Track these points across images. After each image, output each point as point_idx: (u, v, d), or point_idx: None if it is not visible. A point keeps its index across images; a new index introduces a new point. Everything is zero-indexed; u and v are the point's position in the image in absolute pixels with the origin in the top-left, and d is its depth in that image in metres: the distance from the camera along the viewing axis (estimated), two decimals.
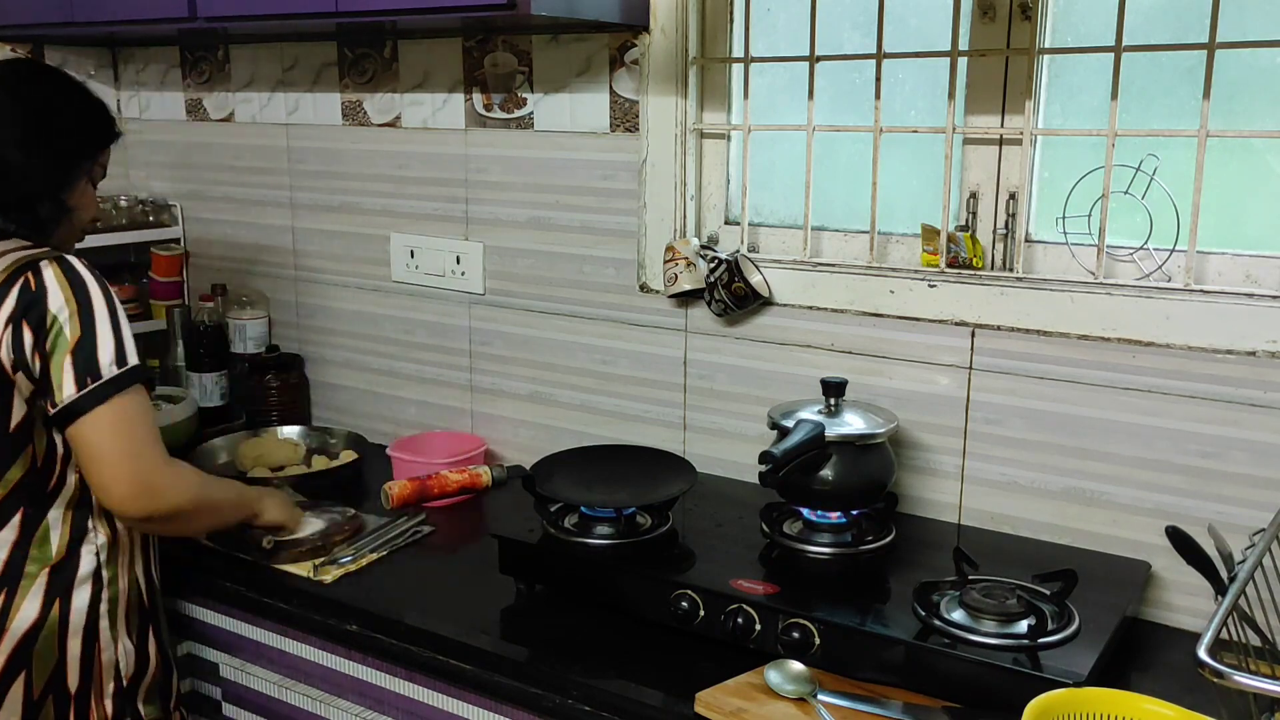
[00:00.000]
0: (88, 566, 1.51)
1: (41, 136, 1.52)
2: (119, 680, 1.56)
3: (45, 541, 1.49)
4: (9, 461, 1.46)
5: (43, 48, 2.46)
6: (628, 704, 1.34)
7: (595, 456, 1.80)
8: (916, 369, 1.72)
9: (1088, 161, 1.59)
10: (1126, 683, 1.35)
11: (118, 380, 1.42)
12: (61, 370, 1.40)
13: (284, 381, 2.37)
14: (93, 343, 1.42)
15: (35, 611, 1.48)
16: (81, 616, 1.51)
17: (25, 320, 1.41)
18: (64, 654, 1.50)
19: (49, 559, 1.49)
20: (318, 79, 2.28)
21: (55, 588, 1.49)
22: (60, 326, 1.41)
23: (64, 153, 1.55)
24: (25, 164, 1.50)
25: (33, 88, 1.55)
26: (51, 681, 1.50)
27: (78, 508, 1.51)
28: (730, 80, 1.89)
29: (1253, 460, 1.48)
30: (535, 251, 2.07)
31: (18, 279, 1.42)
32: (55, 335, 1.41)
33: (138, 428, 1.44)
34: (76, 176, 1.57)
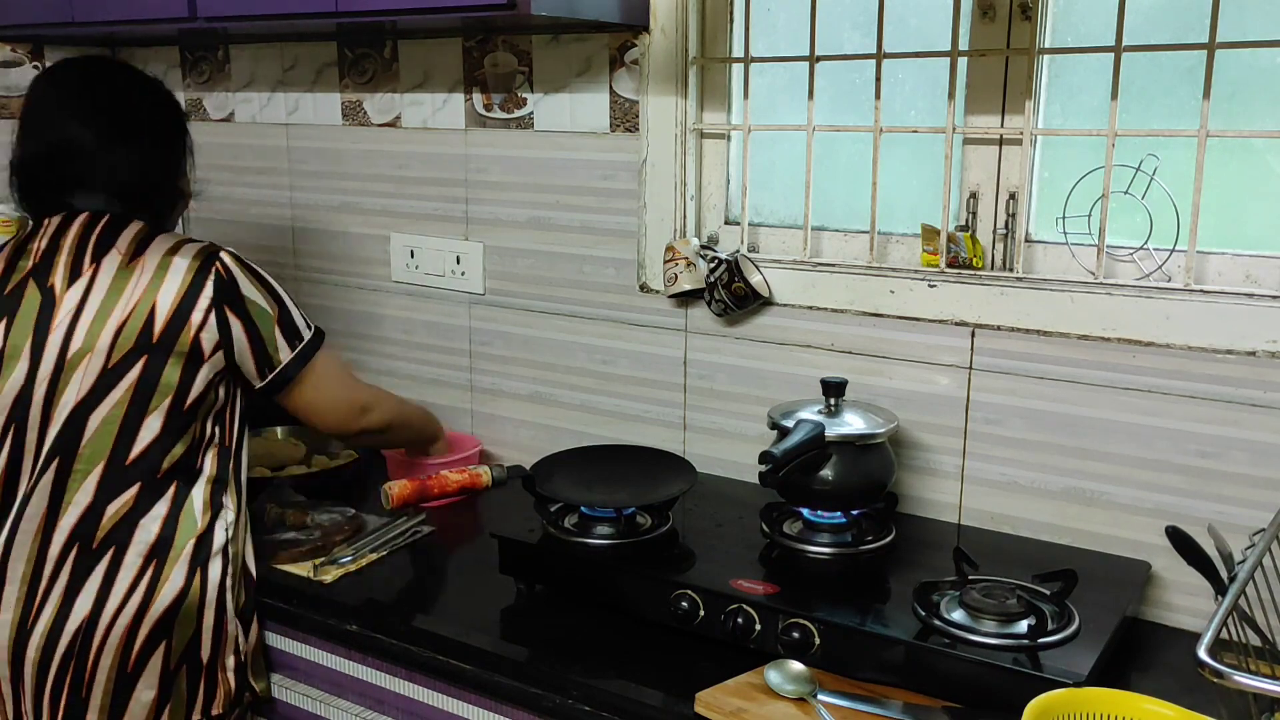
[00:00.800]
0: (220, 541, 1.58)
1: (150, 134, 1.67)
2: (239, 654, 1.60)
3: (191, 514, 1.56)
4: (177, 437, 1.56)
5: (43, 48, 2.46)
6: (628, 704, 1.34)
7: (595, 456, 1.80)
8: (916, 369, 1.72)
9: (1088, 161, 1.59)
10: (1126, 683, 1.35)
11: (314, 338, 1.66)
12: (274, 339, 1.60)
13: None
14: (288, 314, 1.63)
15: (181, 582, 1.54)
16: (214, 589, 1.56)
17: (228, 306, 1.56)
18: (200, 625, 1.55)
19: (194, 531, 1.56)
20: (318, 79, 2.28)
21: (197, 560, 1.55)
22: (261, 306, 1.59)
23: (169, 143, 1.71)
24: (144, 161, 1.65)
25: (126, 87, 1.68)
26: (187, 652, 1.54)
27: (215, 483, 1.60)
28: (730, 80, 1.89)
29: (1253, 460, 1.48)
30: (535, 251, 2.07)
31: (209, 269, 1.56)
32: (259, 315, 1.59)
33: (342, 367, 1.75)
34: (184, 162, 1.74)
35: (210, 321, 1.55)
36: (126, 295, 1.53)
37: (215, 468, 1.60)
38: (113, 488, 1.52)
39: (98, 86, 1.65)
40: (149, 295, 1.53)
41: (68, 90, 1.63)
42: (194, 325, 1.54)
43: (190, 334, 1.54)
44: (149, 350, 1.52)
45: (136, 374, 1.52)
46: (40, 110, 1.63)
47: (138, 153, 1.64)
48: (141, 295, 1.53)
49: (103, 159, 1.61)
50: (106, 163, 1.61)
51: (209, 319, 1.55)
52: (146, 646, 1.52)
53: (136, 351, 1.52)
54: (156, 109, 1.70)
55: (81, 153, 1.60)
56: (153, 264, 1.55)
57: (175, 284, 1.54)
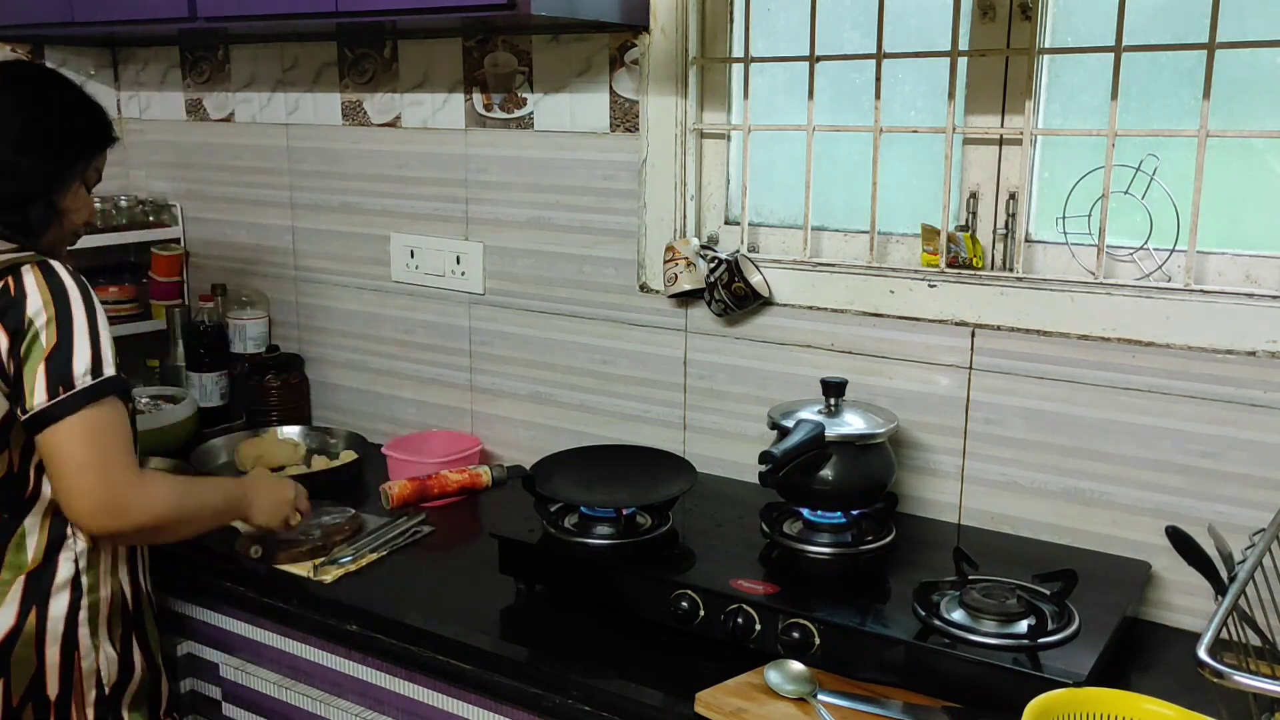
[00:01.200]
0: (65, 573, 1.49)
1: (35, 137, 1.50)
2: (100, 688, 1.53)
3: (21, 548, 1.47)
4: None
5: (43, 48, 2.46)
6: (628, 704, 1.34)
7: (595, 456, 1.80)
8: (916, 369, 1.72)
9: (1088, 161, 1.59)
10: (1126, 683, 1.35)
11: (90, 391, 1.39)
12: (35, 377, 1.38)
13: (284, 381, 2.37)
14: (68, 351, 1.39)
15: (11, 619, 1.46)
16: (59, 624, 1.49)
17: (3, 326, 1.39)
18: (42, 661, 1.48)
19: (24, 565, 1.47)
20: (318, 79, 2.28)
21: (31, 595, 1.47)
22: (37, 332, 1.39)
23: (57, 154, 1.53)
24: (16, 163, 1.48)
25: (29, 88, 1.53)
26: (30, 689, 1.48)
27: (55, 514, 1.48)
28: (730, 80, 1.89)
29: (1253, 460, 1.48)
30: (535, 251, 2.07)
31: (1, 280, 1.40)
32: (30, 341, 1.38)
33: (108, 440, 1.40)
34: (70, 179, 1.54)
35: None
36: None
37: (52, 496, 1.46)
38: None
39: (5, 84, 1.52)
40: None
41: None
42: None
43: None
44: None
45: None
46: None
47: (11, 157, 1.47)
48: None
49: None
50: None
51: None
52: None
53: None
54: (56, 117, 1.53)
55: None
56: None
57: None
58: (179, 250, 2.53)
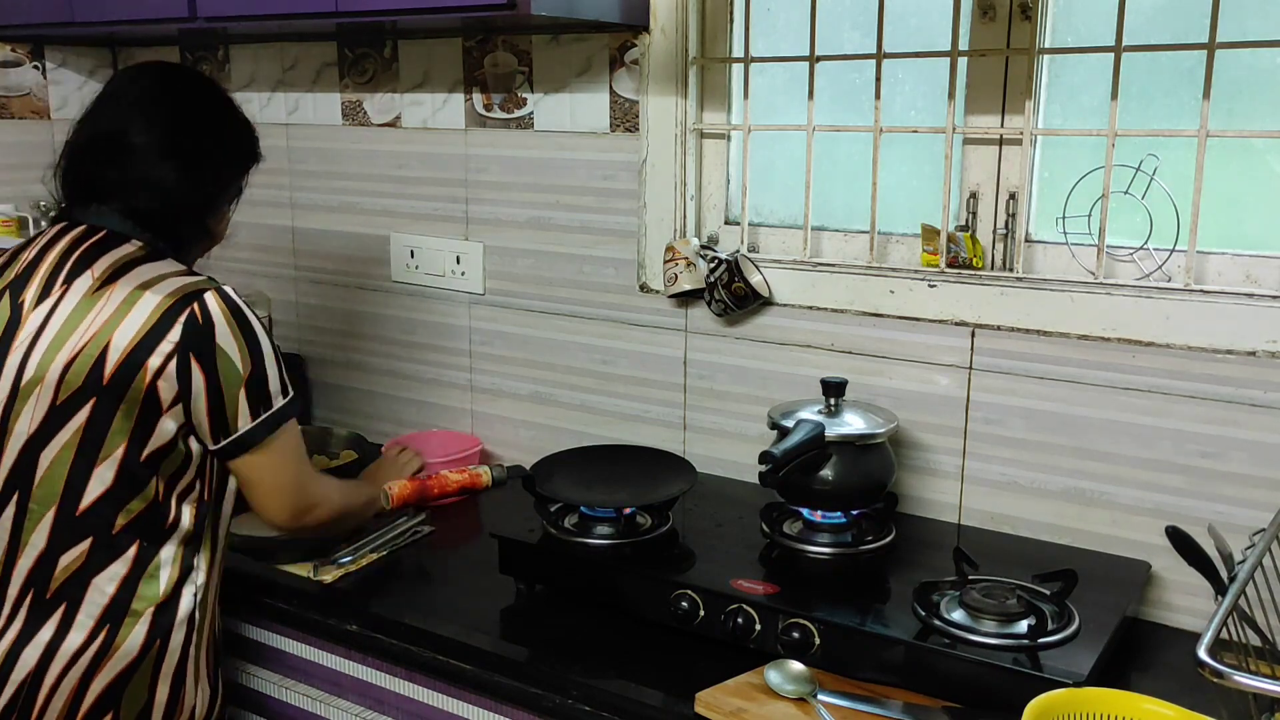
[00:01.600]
0: (187, 607, 1.46)
1: (201, 160, 1.50)
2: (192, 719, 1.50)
3: (154, 579, 1.43)
4: (134, 492, 1.40)
5: (43, 48, 2.46)
6: (628, 704, 1.34)
7: (595, 456, 1.79)
8: (916, 369, 1.72)
9: (1088, 161, 1.59)
10: (1126, 683, 1.35)
11: (285, 410, 1.47)
12: (238, 403, 1.41)
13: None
14: (263, 375, 1.44)
15: (136, 650, 1.41)
16: (174, 659, 1.45)
17: (194, 355, 1.38)
18: (152, 696, 1.43)
19: (156, 598, 1.43)
20: (318, 79, 2.28)
21: (159, 628, 1.43)
22: (232, 361, 1.41)
23: (217, 178, 1.53)
24: (181, 186, 1.48)
25: (197, 105, 1.53)
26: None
27: (188, 544, 1.46)
28: (730, 80, 1.89)
29: (1253, 460, 1.48)
30: (535, 251, 2.07)
31: (184, 309, 1.38)
32: (227, 371, 1.40)
33: (300, 453, 1.52)
34: (224, 201, 1.56)
35: (170, 369, 1.37)
36: (84, 326, 1.37)
37: (192, 523, 1.46)
38: (65, 538, 1.39)
39: (173, 95, 1.50)
40: (106, 330, 1.36)
41: (140, 88, 1.50)
42: (150, 371, 1.36)
43: (145, 380, 1.36)
44: (98, 393, 1.36)
45: (84, 417, 1.37)
46: (105, 99, 1.50)
47: (175, 175, 1.46)
48: (99, 329, 1.36)
49: (136, 167, 1.45)
50: (138, 172, 1.45)
51: (168, 366, 1.37)
52: (92, 712, 1.40)
53: (84, 392, 1.36)
54: (221, 138, 1.53)
55: (120, 153, 1.45)
56: (120, 295, 1.38)
57: (138, 322, 1.37)
58: None
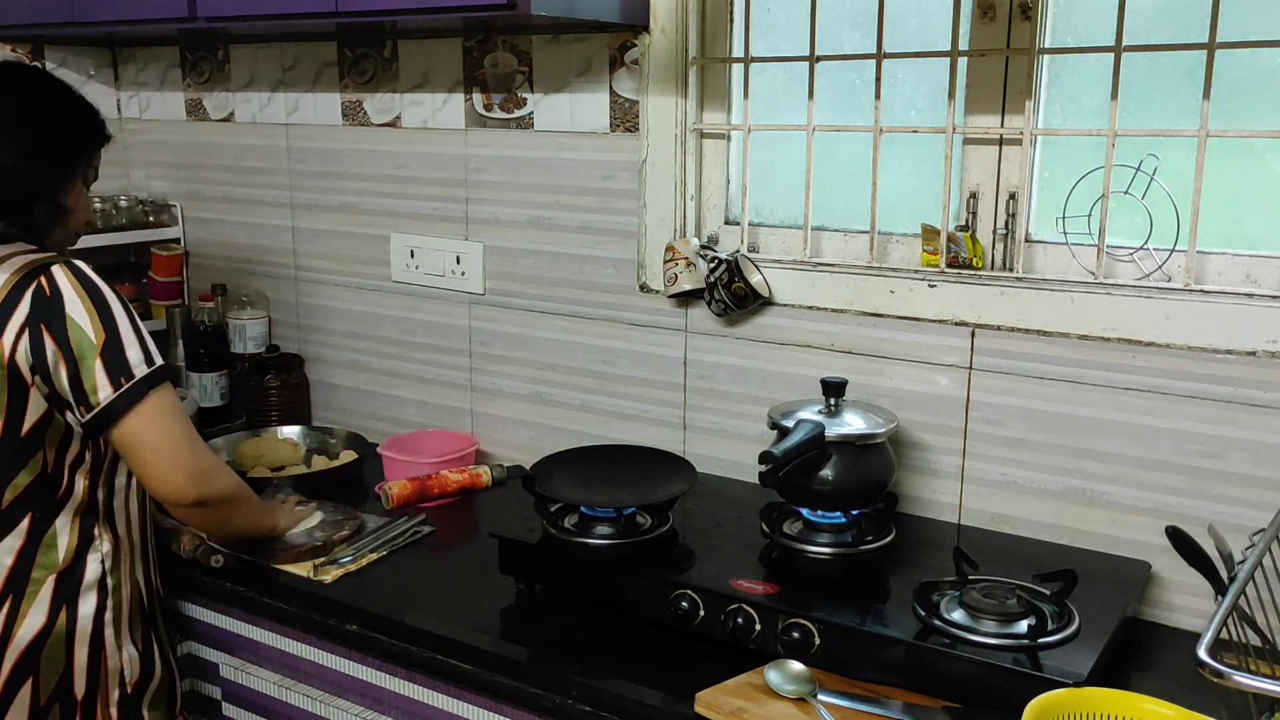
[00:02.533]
0: (93, 574, 1.51)
1: (38, 138, 1.52)
2: (123, 687, 1.56)
3: (52, 548, 1.49)
4: (19, 466, 1.45)
5: (43, 48, 2.46)
6: (628, 704, 1.34)
7: (595, 456, 1.79)
8: (916, 369, 1.72)
9: (1088, 161, 1.59)
10: (1126, 683, 1.35)
11: (150, 378, 1.45)
12: (94, 374, 1.41)
13: (284, 381, 2.37)
14: (118, 344, 1.43)
15: (43, 618, 1.48)
16: (88, 623, 1.51)
17: (44, 326, 1.40)
18: (71, 661, 1.50)
19: (55, 566, 1.49)
20: (318, 79, 2.28)
21: (61, 595, 1.49)
22: (83, 330, 1.41)
23: (60, 154, 1.55)
24: (22, 165, 1.50)
25: (27, 90, 1.55)
26: (59, 688, 1.50)
27: (84, 514, 1.51)
28: (730, 80, 1.89)
29: (1253, 460, 1.48)
30: (535, 251, 2.07)
31: (30, 284, 1.42)
32: (80, 340, 1.41)
33: (178, 419, 1.48)
34: (72, 178, 1.57)
35: (23, 343, 1.40)
36: None
37: (85, 493, 1.51)
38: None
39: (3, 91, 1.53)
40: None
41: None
42: (6, 347, 1.40)
43: (3, 358, 1.40)
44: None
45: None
46: None
47: (16, 159, 1.49)
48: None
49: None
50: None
51: (21, 339, 1.40)
52: (11, 681, 1.46)
53: None
54: (57, 117, 1.56)
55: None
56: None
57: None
58: (179, 250, 2.54)
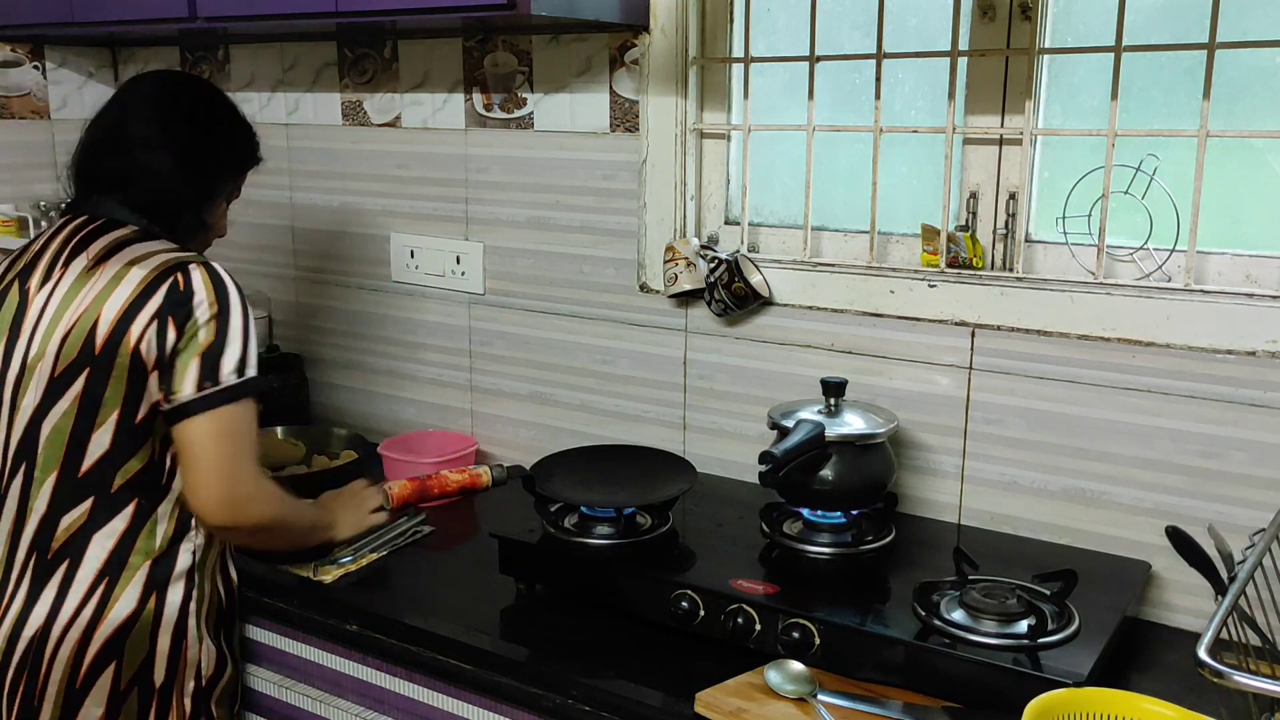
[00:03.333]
0: (184, 563, 1.53)
1: (196, 152, 1.58)
2: (199, 679, 1.56)
3: (151, 534, 1.50)
4: (131, 452, 1.47)
5: (43, 48, 2.46)
6: (628, 704, 1.34)
7: (595, 456, 1.79)
8: (916, 369, 1.72)
9: (1088, 161, 1.59)
10: (1126, 683, 1.35)
11: (234, 389, 1.45)
12: (186, 369, 1.43)
13: (284, 381, 2.37)
14: (221, 349, 1.45)
15: (134, 603, 1.49)
16: (175, 612, 1.52)
17: (171, 318, 1.44)
18: (154, 648, 1.51)
19: (152, 552, 1.51)
20: (318, 79, 2.28)
21: (154, 581, 1.51)
22: (198, 327, 1.44)
23: (212, 172, 1.61)
24: (177, 176, 1.56)
25: (195, 104, 1.62)
26: (139, 674, 1.51)
27: (184, 505, 1.52)
28: (730, 80, 1.89)
29: (1253, 460, 1.48)
30: (535, 251, 2.07)
31: (167, 278, 1.46)
32: (191, 335, 1.44)
33: (239, 439, 1.47)
34: (219, 196, 1.64)
35: (150, 332, 1.43)
36: (77, 302, 1.46)
37: None
38: (66, 499, 1.47)
39: (171, 97, 1.61)
40: (96, 304, 1.45)
41: (141, 93, 1.60)
42: (133, 338, 1.43)
43: (129, 347, 1.43)
44: (91, 363, 1.44)
45: (80, 387, 1.45)
46: (112, 100, 1.61)
47: (170, 167, 1.55)
48: (90, 304, 1.45)
49: (134, 159, 1.54)
50: (136, 164, 1.54)
51: (149, 330, 1.43)
52: (95, 665, 1.48)
53: (79, 363, 1.45)
54: (217, 134, 1.62)
55: (119, 146, 1.55)
56: (111, 271, 1.47)
57: (124, 295, 1.45)
58: None
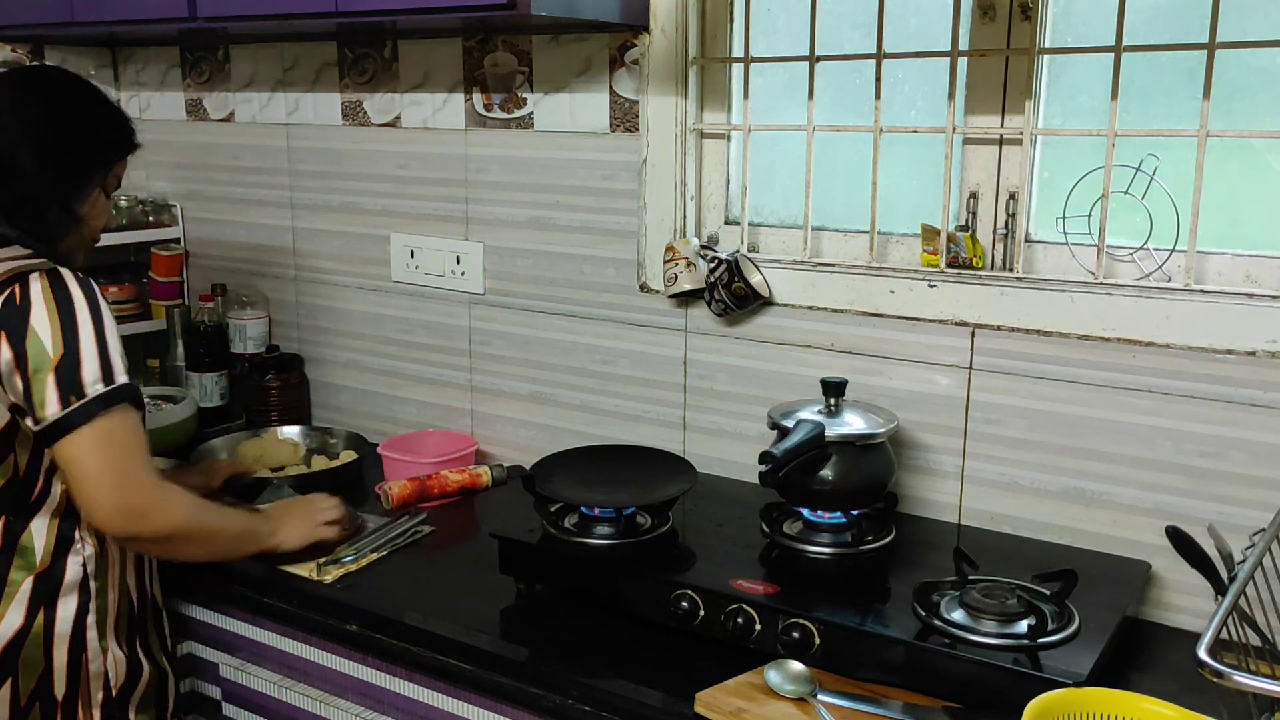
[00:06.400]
0: (73, 576, 1.50)
1: (57, 143, 1.51)
2: (108, 689, 1.54)
3: (29, 550, 1.48)
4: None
5: (43, 48, 2.46)
6: (628, 704, 1.34)
7: (595, 456, 1.79)
8: (916, 369, 1.72)
9: (1088, 161, 1.59)
10: (1126, 683, 1.35)
11: (102, 399, 1.40)
12: (44, 388, 1.38)
13: (284, 381, 2.37)
14: (75, 360, 1.39)
15: (20, 619, 1.47)
16: (68, 626, 1.50)
17: (5, 334, 1.38)
18: (50, 662, 1.49)
19: (33, 567, 1.48)
20: (318, 79, 2.28)
21: (39, 596, 1.48)
22: (42, 343, 1.38)
23: (78, 161, 1.53)
24: (38, 170, 1.49)
25: (52, 94, 1.54)
26: (38, 689, 1.49)
27: (63, 518, 1.49)
28: (730, 80, 1.89)
29: (1253, 460, 1.48)
30: (535, 251, 2.07)
31: (3, 291, 1.40)
32: (37, 352, 1.38)
33: (125, 447, 1.41)
34: (89, 186, 1.55)
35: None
36: None
37: (63, 500, 1.48)
38: None
39: (24, 89, 1.53)
40: None
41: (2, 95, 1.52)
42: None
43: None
44: None
45: None
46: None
47: (29, 161, 1.48)
48: None
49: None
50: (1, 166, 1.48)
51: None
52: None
53: None
54: (76, 127, 1.54)
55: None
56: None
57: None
58: (179, 250, 2.54)
